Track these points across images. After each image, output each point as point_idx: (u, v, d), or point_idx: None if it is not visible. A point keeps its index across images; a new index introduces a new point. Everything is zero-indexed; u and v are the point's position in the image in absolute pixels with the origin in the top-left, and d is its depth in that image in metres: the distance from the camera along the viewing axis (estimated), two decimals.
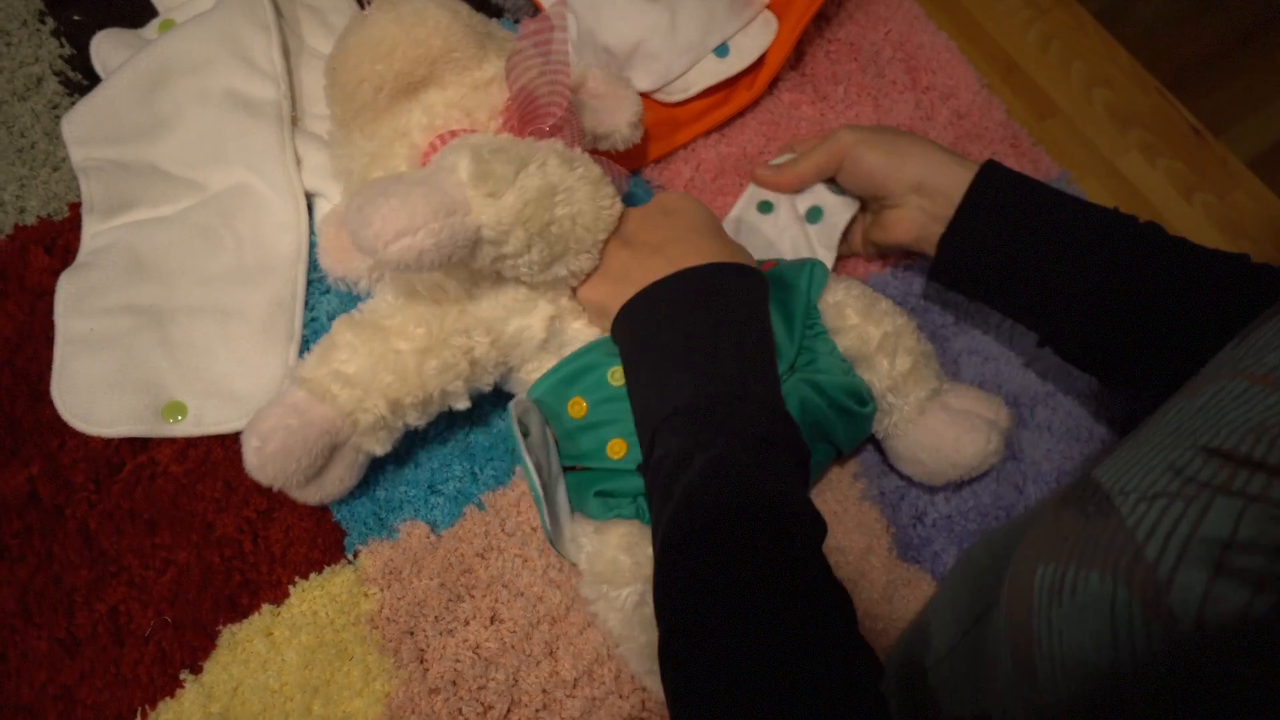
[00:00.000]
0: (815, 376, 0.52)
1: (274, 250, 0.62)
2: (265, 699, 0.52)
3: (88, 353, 0.58)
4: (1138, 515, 0.31)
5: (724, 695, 0.38)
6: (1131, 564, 0.30)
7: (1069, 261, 0.52)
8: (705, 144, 0.70)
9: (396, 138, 0.53)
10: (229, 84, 0.63)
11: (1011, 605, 0.35)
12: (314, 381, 0.50)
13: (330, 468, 0.52)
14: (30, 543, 0.55)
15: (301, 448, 0.49)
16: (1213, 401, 0.34)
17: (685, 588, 0.41)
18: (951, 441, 0.54)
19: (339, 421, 0.50)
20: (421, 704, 0.52)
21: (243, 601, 0.54)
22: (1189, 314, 0.50)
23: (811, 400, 0.52)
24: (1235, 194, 0.74)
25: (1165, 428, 0.35)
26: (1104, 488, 0.33)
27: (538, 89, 0.49)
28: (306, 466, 0.49)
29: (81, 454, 0.57)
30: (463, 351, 0.51)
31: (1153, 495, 0.31)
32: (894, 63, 0.74)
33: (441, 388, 0.51)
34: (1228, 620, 0.27)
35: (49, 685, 0.52)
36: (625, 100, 0.58)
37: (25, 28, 0.68)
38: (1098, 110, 0.77)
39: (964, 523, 0.58)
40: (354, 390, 0.49)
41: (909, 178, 0.56)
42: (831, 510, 0.58)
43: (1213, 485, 0.29)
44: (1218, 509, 0.28)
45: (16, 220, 0.63)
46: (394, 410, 0.51)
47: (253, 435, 0.49)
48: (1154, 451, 0.33)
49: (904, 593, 0.56)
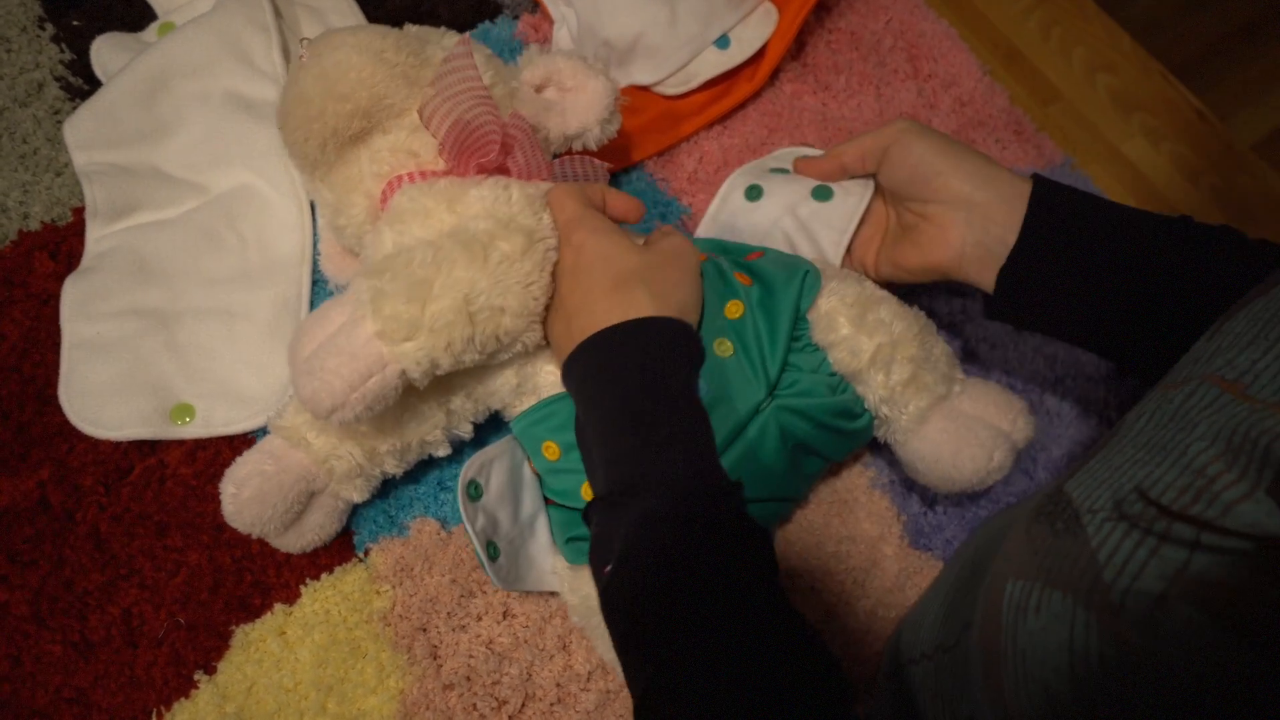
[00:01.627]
0: (797, 402, 0.50)
1: (278, 251, 0.62)
2: (280, 698, 0.52)
3: (94, 357, 0.58)
4: (1101, 536, 0.31)
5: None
6: (1091, 586, 0.30)
7: (1135, 281, 0.48)
8: (708, 136, 0.70)
9: (352, 187, 0.52)
10: (230, 85, 0.63)
11: (984, 621, 0.35)
12: (289, 429, 0.51)
13: (309, 514, 0.52)
14: (42, 548, 0.55)
15: (277, 494, 0.50)
16: (1183, 408, 0.33)
17: (635, 667, 0.40)
18: (950, 456, 0.51)
19: (314, 469, 0.51)
20: (436, 700, 0.52)
21: (255, 601, 0.54)
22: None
23: (794, 426, 0.50)
24: (1240, 177, 0.74)
25: (1138, 438, 0.34)
26: (1074, 504, 0.33)
27: (471, 119, 0.48)
28: (283, 513, 0.50)
29: (90, 458, 0.57)
30: (439, 404, 0.51)
31: (1118, 517, 0.31)
32: (895, 51, 0.74)
33: (420, 438, 0.51)
34: (1176, 641, 0.27)
35: (64, 689, 0.52)
36: (597, 95, 0.54)
37: (25, 34, 0.68)
38: (1101, 96, 0.76)
39: (975, 509, 0.58)
40: (328, 438, 0.50)
41: (960, 187, 0.50)
42: (841, 499, 0.58)
43: (1156, 533, 0.29)
44: (1170, 545, 0.29)
45: (20, 226, 0.63)
46: (370, 458, 0.51)
47: (229, 482, 0.50)
48: (1124, 468, 0.33)
49: (916, 580, 0.56)
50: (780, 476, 0.50)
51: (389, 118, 0.50)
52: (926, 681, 0.45)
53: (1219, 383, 0.33)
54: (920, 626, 0.48)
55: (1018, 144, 0.71)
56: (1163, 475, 0.31)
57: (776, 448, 0.49)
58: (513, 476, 0.51)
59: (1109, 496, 0.32)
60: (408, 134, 0.50)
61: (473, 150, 0.49)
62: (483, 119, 0.48)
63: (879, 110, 0.72)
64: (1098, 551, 0.30)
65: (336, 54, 0.48)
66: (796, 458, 0.51)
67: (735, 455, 0.48)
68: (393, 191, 0.50)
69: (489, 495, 0.50)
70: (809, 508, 0.58)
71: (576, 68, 0.54)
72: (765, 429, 0.49)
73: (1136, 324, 0.49)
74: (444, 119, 0.49)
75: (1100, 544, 0.31)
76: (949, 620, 0.45)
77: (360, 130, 0.50)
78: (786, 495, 0.53)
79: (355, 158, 0.51)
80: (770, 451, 0.49)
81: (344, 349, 0.44)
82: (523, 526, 0.52)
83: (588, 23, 0.66)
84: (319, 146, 0.50)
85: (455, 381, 0.51)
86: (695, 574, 0.40)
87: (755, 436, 0.49)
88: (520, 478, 0.52)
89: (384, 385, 0.45)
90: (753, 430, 0.49)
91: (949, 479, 0.52)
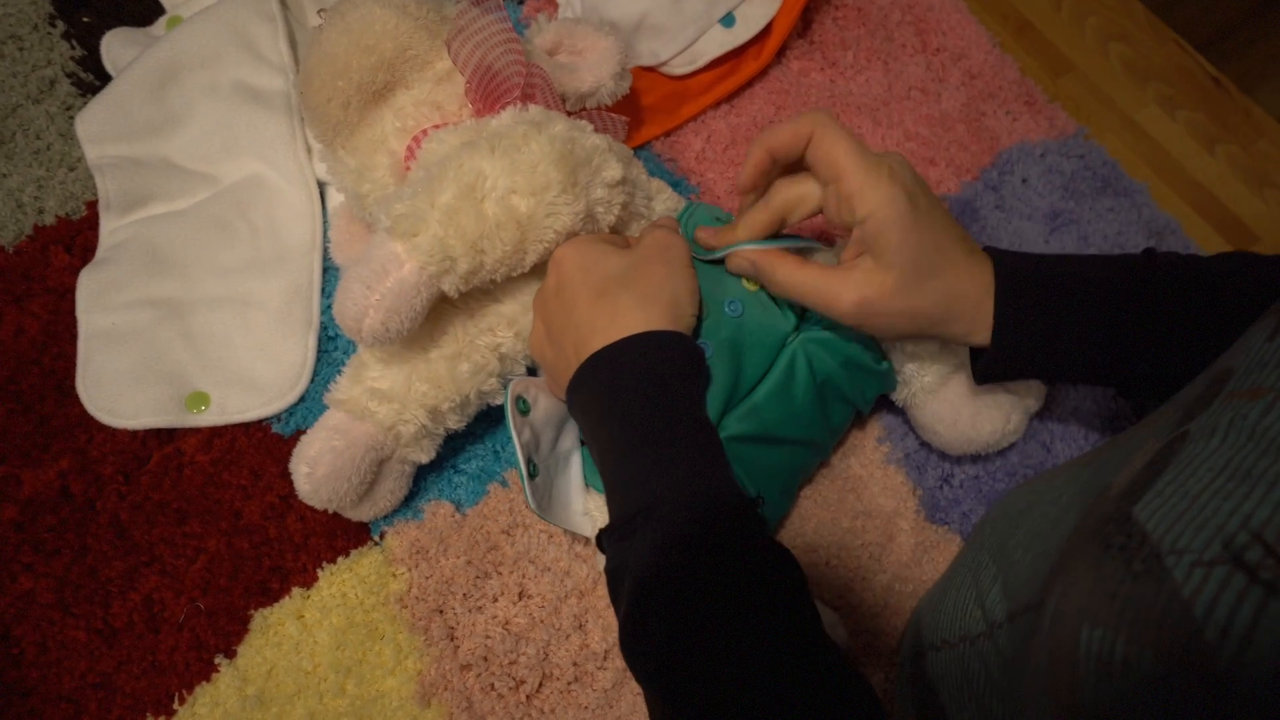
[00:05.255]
0: (823, 335, 0.51)
1: (289, 239, 0.62)
2: (299, 680, 0.52)
3: (110, 347, 0.58)
4: (1194, 584, 0.27)
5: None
6: (1189, 646, 0.26)
7: (1110, 324, 0.45)
8: (715, 115, 0.69)
9: (375, 148, 0.52)
10: (238, 76, 0.64)
11: (1054, 663, 0.31)
12: (350, 402, 0.50)
13: (380, 483, 0.53)
14: (65, 537, 0.55)
15: (350, 467, 0.49)
16: (1265, 426, 0.30)
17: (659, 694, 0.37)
18: (969, 417, 0.53)
19: (381, 437, 0.50)
20: (454, 680, 0.52)
21: (273, 586, 0.54)
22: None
23: (821, 361, 0.51)
24: (1259, 143, 0.73)
25: (1215, 460, 0.30)
26: (1151, 539, 0.29)
27: (493, 62, 0.49)
28: (357, 485, 0.50)
29: (110, 448, 0.57)
30: (491, 349, 0.51)
31: (1209, 561, 0.27)
32: (903, 26, 0.73)
33: (477, 388, 0.51)
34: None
35: (89, 674, 0.52)
36: (608, 51, 0.55)
37: (36, 32, 0.69)
38: (1114, 65, 0.75)
39: (992, 482, 0.58)
40: (391, 404, 0.50)
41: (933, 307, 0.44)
42: (857, 474, 0.58)
43: (1263, 582, 0.25)
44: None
45: (36, 221, 0.64)
46: (434, 418, 0.51)
47: (301, 462, 0.50)
48: (1207, 500, 0.29)
49: (933, 555, 0.56)
50: (810, 417, 0.51)
51: (412, 70, 0.51)
52: (950, 669, 0.44)
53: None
54: (940, 611, 0.48)
55: (1029, 115, 0.71)
56: (1268, 514, 0.27)
57: (807, 383, 0.50)
58: (557, 409, 0.51)
59: (1196, 535, 0.28)
60: (432, 86, 0.51)
61: (497, 96, 0.50)
62: (508, 63, 0.49)
63: (887, 85, 0.71)
64: (1192, 604, 0.26)
65: (360, 9, 0.50)
66: (825, 399, 0.52)
67: (769, 388, 0.49)
68: (418, 145, 0.51)
69: (536, 413, 0.50)
70: (825, 483, 0.58)
71: (586, 30, 0.56)
72: (795, 361, 0.50)
73: (1125, 363, 0.46)
74: (468, 59, 0.49)
75: (1193, 594, 0.26)
76: (966, 615, 0.44)
77: (384, 85, 0.51)
78: (815, 439, 0.53)
79: (378, 118, 0.52)
80: (801, 386, 0.50)
81: (364, 259, 0.45)
82: (559, 458, 0.52)
83: (592, 3, 0.66)
84: (342, 105, 0.51)
85: (501, 314, 0.51)
86: (723, 601, 0.37)
87: (786, 367, 0.50)
88: (564, 412, 0.52)
89: (403, 284, 0.44)
90: (783, 360, 0.50)
91: (967, 439, 0.53)
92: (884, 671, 0.53)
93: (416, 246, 0.44)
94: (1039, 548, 0.39)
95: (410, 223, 0.44)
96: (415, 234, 0.44)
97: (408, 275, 0.44)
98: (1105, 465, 0.39)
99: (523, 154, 0.45)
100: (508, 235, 0.46)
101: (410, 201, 0.44)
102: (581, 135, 0.48)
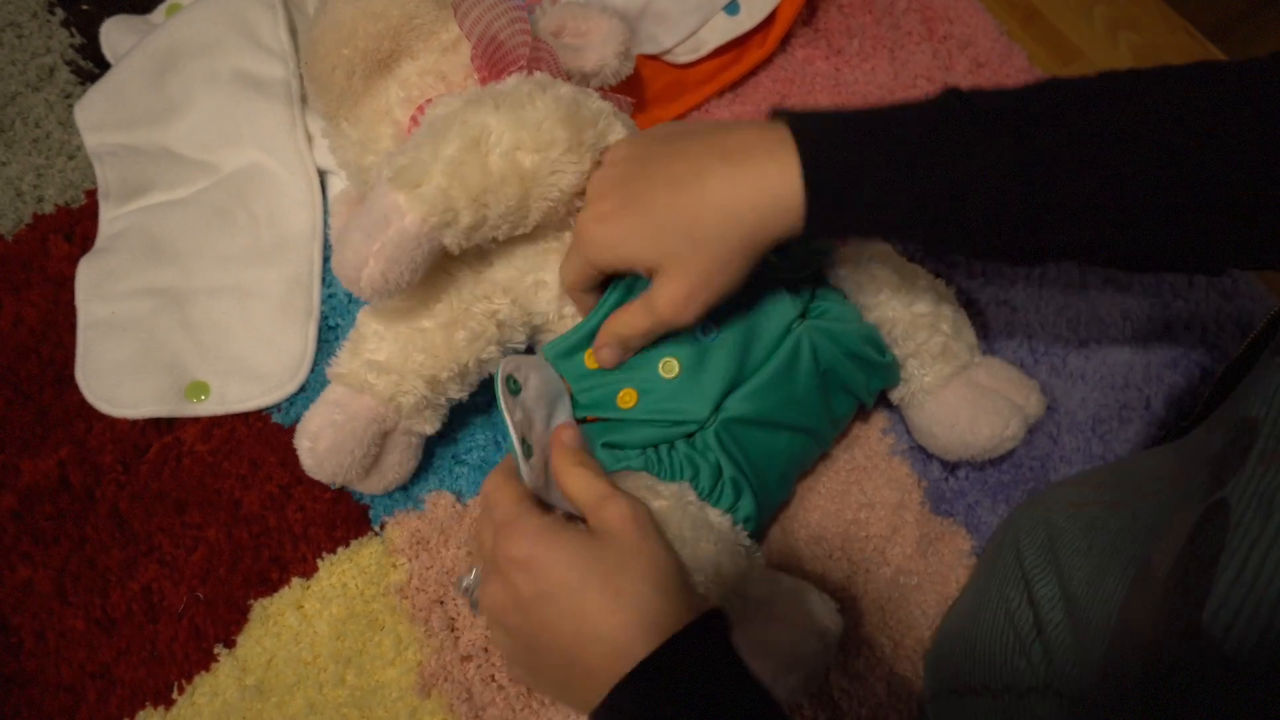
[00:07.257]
0: (828, 325, 0.51)
1: (289, 228, 0.62)
2: (299, 670, 0.52)
3: (110, 336, 0.58)
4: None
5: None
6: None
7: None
8: (719, 104, 0.69)
9: (379, 119, 0.52)
10: (238, 64, 0.63)
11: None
12: (349, 375, 0.50)
13: (386, 455, 0.52)
14: (63, 526, 0.55)
15: (353, 440, 0.49)
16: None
17: None
18: (967, 421, 0.52)
19: (382, 409, 0.50)
20: (454, 671, 0.52)
21: (273, 576, 0.54)
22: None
23: (825, 349, 0.50)
24: None
25: (1276, 550, 0.27)
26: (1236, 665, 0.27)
27: (499, 31, 0.49)
28: (361, 457, 0.50)
29: (109, 437, 0.57)
30: (488, 316, 0.51)
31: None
32: (909, 13, 0.73)
33: (475, 356, 0.51)
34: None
35: (88, 664, 0.52)
36: (611, 30, 0.56)
37: (35, 19, 0.69)
38: (1123, 53, 0.75)
39: (997, 474, 0.57)
40: (389, 376, 0.50)
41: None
42: (861, 466, 0.57)
43: None
44: None
45: (35, 209, 0.63)
46: (433, 387, 0.51)
47: (303, 437, 0.50)
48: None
49: (938, 547, 0.55)
50: (812, 405, 0.51)
51: (418, 39, 0.51)
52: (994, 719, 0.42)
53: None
54: (975, 653, 0.45)
55: None
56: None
57: (810, 369, 0.50)
58: (548, 388, 0.51)
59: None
60: (437, 56, 0.51)
61: (504, 65, 0.49)
62: (514, 33, 0.49)
63: (893, 74, 0.70)
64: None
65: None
66: (828, 389, 0.51)
67: (771, 371, 0.49)
68: (421, 114, 0.51)
69: (527, 393, 0.49)
70: (829, 475, 0.57)
71: (590, 12, 0.56)
72: (799, 346, 0.49)
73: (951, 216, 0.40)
74: (474, 25, 0.49)
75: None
76: (1016, 658, 0.41)
77: (389, 54, 0.50)
78: (815, 427, 0.52)
79: (383, 89, 0.51)
80: (804, 372, 0.50)
81: (364, 209, 0.45)
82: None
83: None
84: (347, 74, 0.50)
85: (495, 280, 0.51)
86: None
87: (790, 351, 0.49)
88: (555, 390, 0.51)
89: (404, 235, 0.44)
90: (787, 345, 0.49)
91: (964, 443, 0.53)
92: (886, 667, 0.53)
93: (419, 197, 0.44)
94: (1081, 618, 0.37)
95: (413, 173, 0.44)
96: (418, 184, 0.44)
97: (409, 226, 0.44)
98: (1136, 520, 0.37)
99: (528, 111, 0.45)
100: (512, 190, 0.45)
101: (414, 153, 0.44)
102: (587, 98, 0.48)
